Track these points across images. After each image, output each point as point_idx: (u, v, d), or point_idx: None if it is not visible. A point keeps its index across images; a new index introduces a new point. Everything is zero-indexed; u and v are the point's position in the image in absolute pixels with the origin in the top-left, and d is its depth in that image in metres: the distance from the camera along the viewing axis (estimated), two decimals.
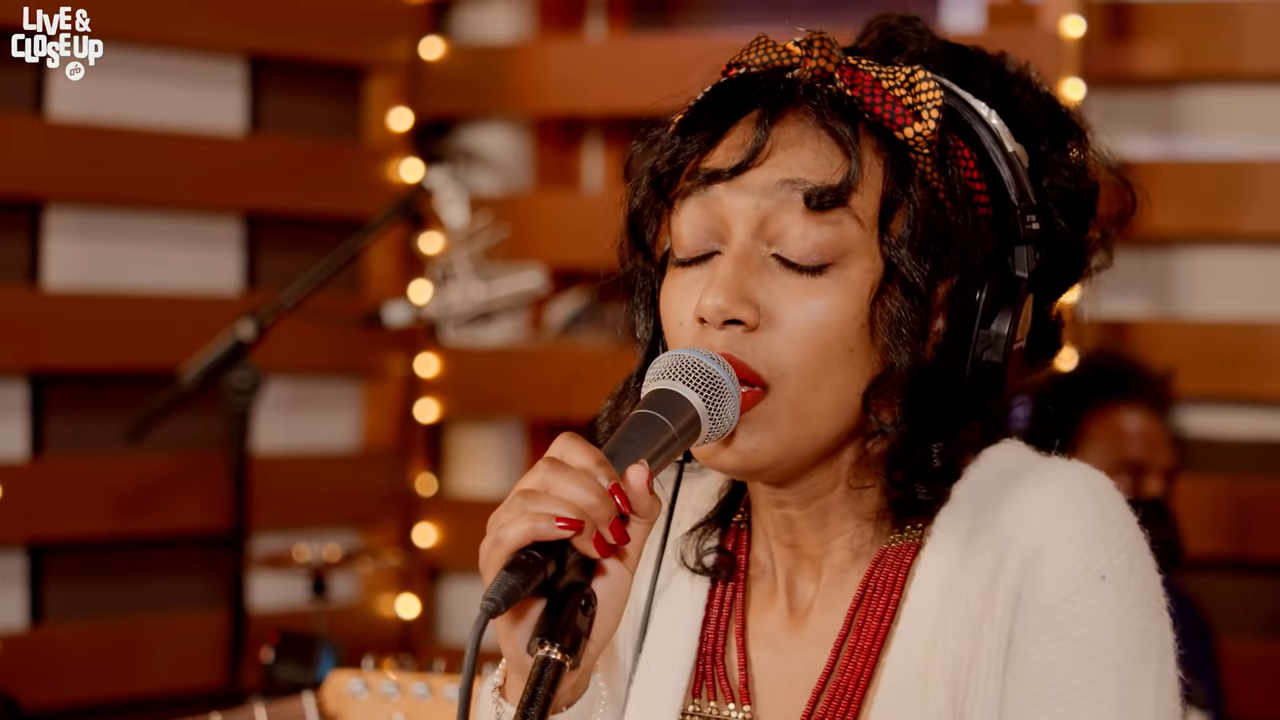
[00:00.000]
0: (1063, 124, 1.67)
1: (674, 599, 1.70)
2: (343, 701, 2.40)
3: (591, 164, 4.99)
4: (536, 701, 1.39)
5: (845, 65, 1.57)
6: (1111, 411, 3.66)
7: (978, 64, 1.67)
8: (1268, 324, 4.28)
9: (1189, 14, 4.33)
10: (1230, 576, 4.11)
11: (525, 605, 1.45)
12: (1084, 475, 1.57)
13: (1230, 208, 4.30)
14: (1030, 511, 1.54)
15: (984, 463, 1.61)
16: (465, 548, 4.63)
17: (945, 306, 1.58)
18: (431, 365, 4.72)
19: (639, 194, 1.61)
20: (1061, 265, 1.67)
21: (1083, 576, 1.51)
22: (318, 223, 4.55)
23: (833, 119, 1.54)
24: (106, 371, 4.21)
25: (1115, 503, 1.56)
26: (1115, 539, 1.53)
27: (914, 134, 1.54)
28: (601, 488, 1.43)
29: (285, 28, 4.48)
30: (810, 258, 1.53)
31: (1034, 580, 1.51)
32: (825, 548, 1.63)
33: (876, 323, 1.54)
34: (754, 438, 1.54)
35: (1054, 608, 1.50)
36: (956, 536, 1.57)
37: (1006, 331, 1.59)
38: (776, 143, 1.54)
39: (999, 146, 1.60)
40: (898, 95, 1.55)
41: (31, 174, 4.06)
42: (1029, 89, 1.67)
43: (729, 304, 1.52)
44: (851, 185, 1.52)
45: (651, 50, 4.57)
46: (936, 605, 1.56)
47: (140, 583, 4.29)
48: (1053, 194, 1.64)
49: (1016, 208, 1.60)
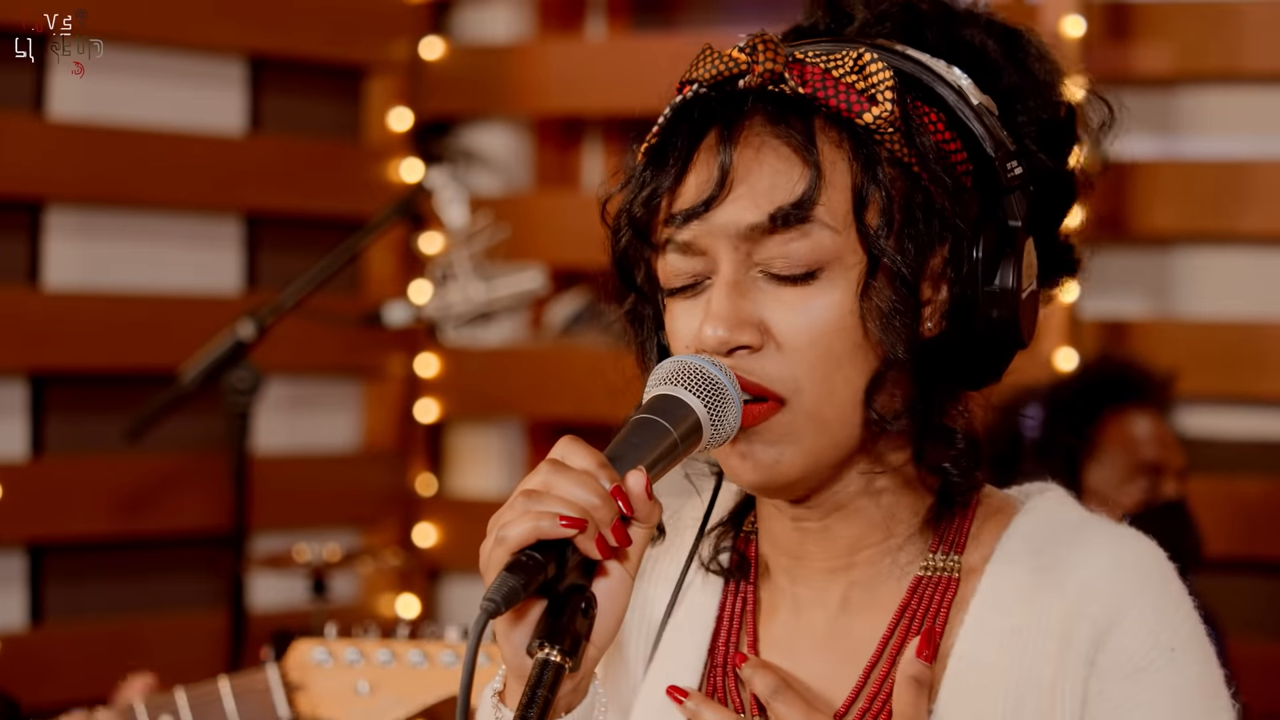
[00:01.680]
0: (1021, 50, 1.65)
1: (686, 610, 1.69)
2: (307, 671, 2.40)
3: (591, 164, 4.98)
4: (536, 703, 1.38)
5: (793, 62, 1.56)
6: (1123, 417, 3.67)
7: (928, 16, 1.64)
8: (1267, 324, 4.28)
9: (1189, 14, 4.33)
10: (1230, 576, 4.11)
11: (524, 608, 1.44)
12: (1145, 546, 1.58)
13: (1229, 208, 4.30)
14: (1100, 580, 1.54)
15: (1036, 514, 1.61)
16: (465, 548, 4.63)
17: (943, 274, 1.57)
18: (431, 365, 4.72)
19: (622, 238, 1.60)
20: (1052, 195, 1.65)
21: (1154, 650, 1.52)
22: (318, 223, 4.55)
23: (787, 125, 1.53)
24: (106, 371, 4.21)
25: (1174, 574, 1.57)
26: (1178, 609, 1.56)
27: (873, 119, 1.53)
28: (603, 489, 1.42)
29: (285, 28, 4.48)
30: (796, 268, 1.52)
31: (1107, 651, 1.52)
32: (844, 562, 1.62)
33: (867, 315, 1.53)
34: (774, 448, 1.54)
35: (1131, 679, 1.52)
36: (1014, 585, 1.57)
37: (1011, 284, 1.57)
38: (739, 164, 1.53)
39: (965, 103, 1.58)
40: (850, 82, 1.54)
41: (31, 174, 4.06)
42: (979, 25, 1.65)
43: (729, 333, 1.52)
44: (813, 196, 1.52)
45: (651, 50, 4.57)
46: (991, 653, 1.55)
47: (140, 583, 4.30)
48: (1028, 129, 1.62)
49: (994, 158, 1.58)
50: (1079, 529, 1.59)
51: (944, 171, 1.56)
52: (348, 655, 2.39)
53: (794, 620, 1.65)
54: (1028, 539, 1.59)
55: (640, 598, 1.71)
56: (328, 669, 2.39)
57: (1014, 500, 1.64)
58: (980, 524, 1.62)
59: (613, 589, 1.46)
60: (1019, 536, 1.59)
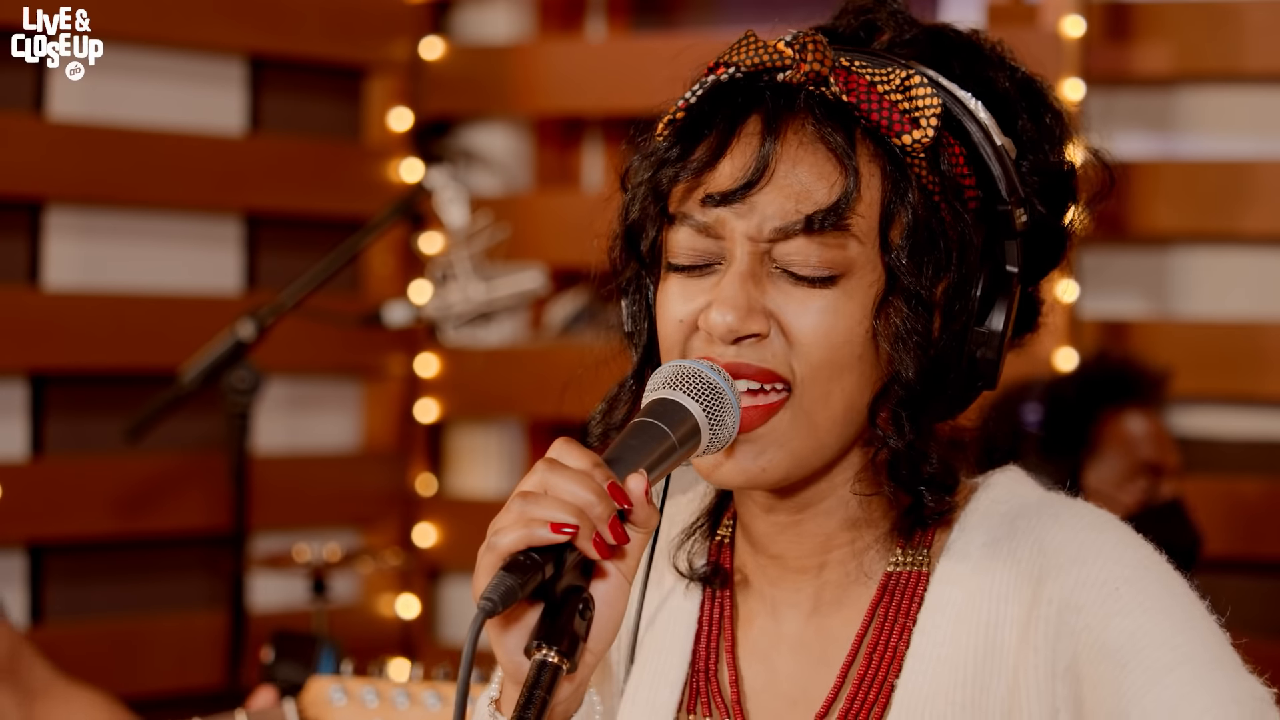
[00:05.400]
0: (1038, 101, 1.66)
1: (666, 614, 1.70)
2: (322, 708, 2.41)
3: (591, 164, 4.99)
4: (533, 704, 1.38)
5: (839, 68, 1.56)
6: (1121, 416, 3.68)
7: (956, 48, 1.65)
8: (1267, 324, 4.28)
9: (1189, 14, 4.33)
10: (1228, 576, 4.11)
11: (520, 611, 1.44)
12: (1103, 514, 1.58)
13: (1229, 208, 4.31)
14: (1061, 546, 1.54)
15: (993, 492, 1.62)
16: (465, 548, 4.63)
17: (941, 305, 1.57)
18: (431, 365, 4.72)
19: (637, 205, 1.60)
20: (1043, 249, 1.66)
21: (1122, 570, 1.51)
22: (318, 223, 4.56)
23: (830, 129, 1.53)
24: (106, 371, 4.21)
25: (1139, 539, 1.57)
26: (1140, 546, 1.55)
27: (912, 141, 1.53)
28: (600, 486, 1.42)
29: (285, 28, 4.48)
30: (817, 271, 1.52)
31: (1076, 608, 1.51)
32: (816, 561, 1.62)
33: (880, 333, 1.53)
34: (764, 456, 1.54)
35: (1105, 602, 1.50)
36: (969, 564, 1.57)
37: (1001, 329, 1.59)
38: (778, 159, 1.53)
39: (989, 142, 1.59)
40: (894, 100, 1.54)
41: (31, 174, 4.06)
42: (1004, 69, 1.65)
43: (739, 321, 1.52)
44: (850, 203, 1.52)
45: (651, 50, 4.57)
46: (949, 632, 1.56)
47: (140, 583, 4.30)
48: (1030, 179, 1.63)
49: (1007, 203, 1.59)
50: (1034, 503, 1.60)
51: (960, 205, 1.57)
52: (363, 694, 2.40)
53: (771, 624, 1.65)
54: (984, 515, 1.60)
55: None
56: (342, 707, 2.40)
57: (976, 484, 1.65)
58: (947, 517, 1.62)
59: (610, 593, 1.46)
60: (977, 512, 1.60)
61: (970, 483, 1.64)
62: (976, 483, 1.64)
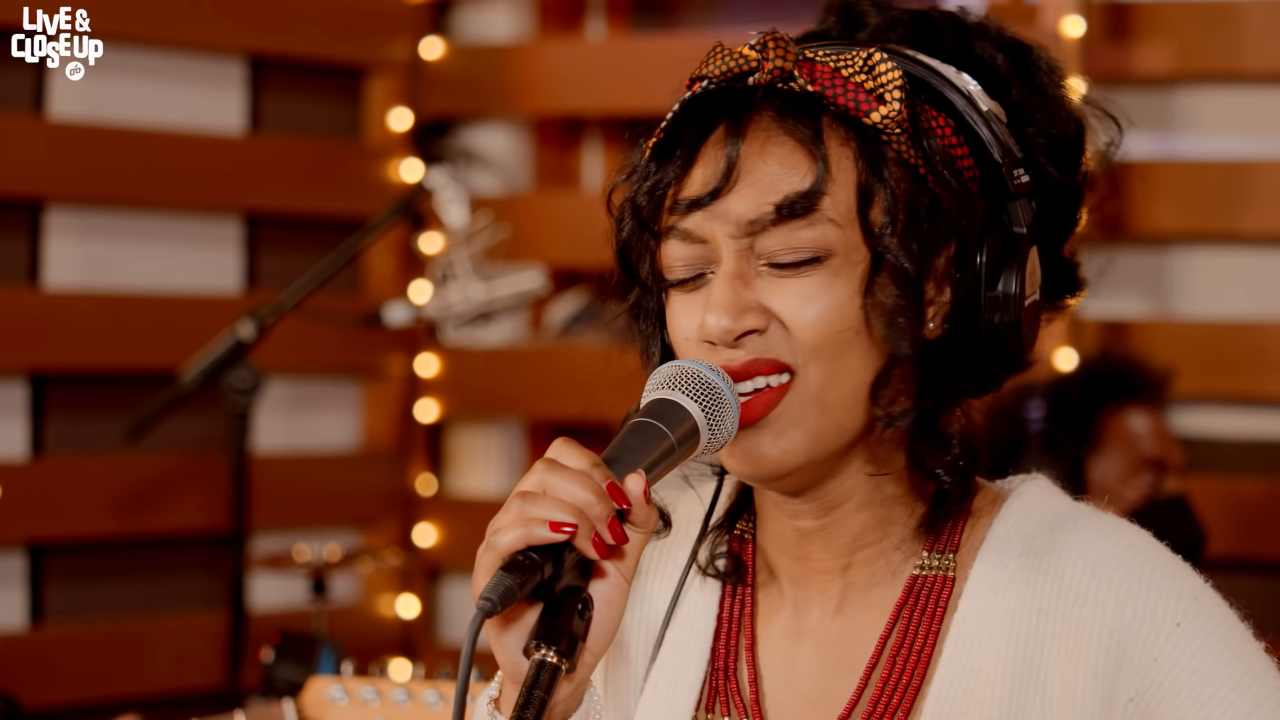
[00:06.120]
0: (1031, 65, 1.66)
1: (687, 610, 1.69)
2: (323, 708, 2.41)
3: (591, 164, 4.99)
4: (532, 704, 1.38)
5: (802, 60, 1.56)
6: (1124, 413, 3.70)
7: (941, 26, 1.66)
8: (1267, 324, 4.28)
9: (1189, 14, 4.33)
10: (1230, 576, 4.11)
11: (519, 611, 1.44)
12: (1135, 529, 1.59)
13: (1229, 208, 4.31)
14: (1101, 561, 1.55)
15: (1025, 501, 1.62)
16: (465, 548, 4.63)
17: (947, 276, 1.58)
18: (431, 365, 4.72)
19: (625, 228, 1.61)
20: (1060, 210, 1.65)
21: (1178, 602, 1.53)
22: (318, 223, 4.56)
23: (794, 121, 1.54)
24: (106, 371, 4.21)
25: (1167, 550, 1.58)
26: (1181, 568, 1.57)
27: (880, 117, 1.54)
28: (598, 486, 1.42)
29: (285, 28, 4.48)
30: (800, 255, 1.53)
31: (1142, 642, 1.52)
32: (842, 562, 1.62)
33: (871, 313, 1.54)
34: (783, 438, 1.54)
35: (1169, 639, 1.52)
36: (1006, 573, 1.57)
37: (1014, 290, 1.58)
38: (745, 158, 1.54)
39: (973, 108, 1.59)
40: (859, 81, 1.55)
41: (31, 174, 4.06)
42: (991, 40, 1.65)
43: (733, 322, 1.53)
44: (819, 188, 1.52)
45: (651, 50, 4.57)
46: (986, 642, 1.55)
47: (140, 583, 4.30)
48: (1037, 142, 1.63)
49: (1001, 164, 1.59)
50: (1070, 515, 1.60)
51: (950, 175, 1.56)
52: (364, 694, 2.40)
53: (792, 623, 1.65)
54: (1018, 524, 1.60)
55: (641, 594, 1.71)
56: (343, 706, 2.40)
57: (1003, 490, 1.65)
58: (974, 521, 1.62)
59: (609, 593, 1.46)
60: (1009, 522, 1.60)
61: (997, 489, 1.64)
62: (1005, 490, 1.64)
